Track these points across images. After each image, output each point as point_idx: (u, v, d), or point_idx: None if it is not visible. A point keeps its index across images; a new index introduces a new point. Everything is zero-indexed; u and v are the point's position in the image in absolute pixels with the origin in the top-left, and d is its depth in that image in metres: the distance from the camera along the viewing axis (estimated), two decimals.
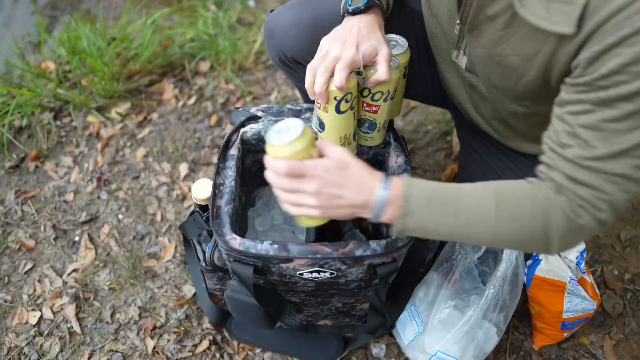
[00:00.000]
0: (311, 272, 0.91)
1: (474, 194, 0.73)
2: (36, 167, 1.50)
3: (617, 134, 0.64)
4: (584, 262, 1.06)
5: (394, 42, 0.92)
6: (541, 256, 1.08)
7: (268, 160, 0.72)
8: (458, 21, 0.82)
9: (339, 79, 0.79)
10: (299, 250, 0.88)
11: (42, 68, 1.71)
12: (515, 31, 0.71)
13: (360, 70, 0.83)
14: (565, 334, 1.17)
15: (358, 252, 0.88)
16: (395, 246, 0.88)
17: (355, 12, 0.87)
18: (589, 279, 1.08)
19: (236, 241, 0.88)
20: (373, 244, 0.88)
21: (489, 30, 0.75)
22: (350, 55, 0.81)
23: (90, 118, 1.59)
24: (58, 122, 1.59)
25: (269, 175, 0.74)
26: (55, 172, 1.49)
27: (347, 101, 0.84)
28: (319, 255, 0.87)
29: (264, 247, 0.88)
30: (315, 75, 0.82)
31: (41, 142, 1.53)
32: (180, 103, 1.65)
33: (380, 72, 0.83)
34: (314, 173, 0.71)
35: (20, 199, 1.44)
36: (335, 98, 0.83)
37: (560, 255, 1.06)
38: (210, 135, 1.58)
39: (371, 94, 0.89)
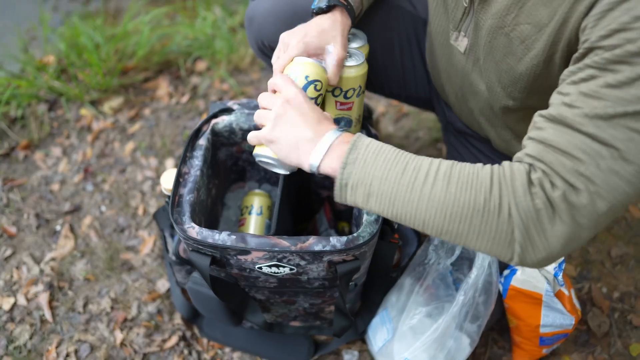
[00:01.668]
0: (270, 267, 0.89)
1: (427, 159, 0.67)
2: (26, 156, 1.52)
3: (617, 102, 0.57)
4: (561, 274, 1.01)
5: (351, 36, 0.91)
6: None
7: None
8: None
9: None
10: (256, 242, 0.86)
11: (44, 61, 1.74)
12: None
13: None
14: (544, 350, 1.12)
15: (317, 247, 0.85)
16: (355, 243, 0.85)
17: (318, 13, 0.87)
18: (567, 292, 1.03)
19: (194, 230, 0.87)
20: (333, 239, 0.86)
21: None
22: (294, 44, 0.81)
23: (83, 111, 1.61)
24: (52, 114, 1.61)
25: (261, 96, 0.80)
26: (43, 162, 1.51)
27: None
28: (276, 249, 0.85)
29: (221, 238, 0.86)
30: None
31: (33, 132, 1.55)
32: (174, 100, 1.66)
33: (329, 75, 0.83)
34: (292, 87, 0.75)
35: (7, 186, 1.45)
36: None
37: None
38: None
39: (343, 92, 0.88)
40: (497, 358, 1.18)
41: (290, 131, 0.73)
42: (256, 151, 0.81)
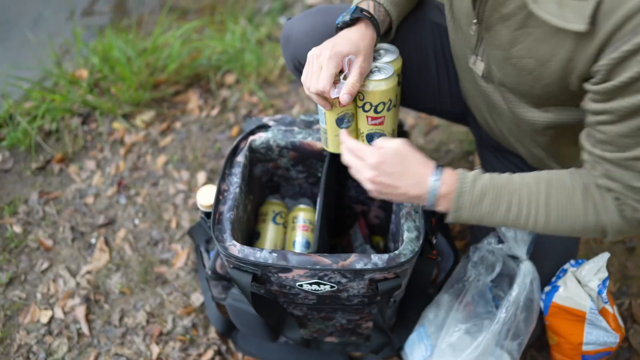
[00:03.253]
0: (310, 284, 0.89)
1: (527, 190, 0.76)
2: (60, 169, 1.54)
3: None
4: (605, 291, 0.99)
5: (383, 51, 0.90)
6: (559, 282, 1.02)
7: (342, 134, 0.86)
8: (475, 20, 0.79)
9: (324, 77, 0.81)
10: (298, 260, 0.85)
11: (76, 75, 1.77)
12: (530, 32, 0.69)
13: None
14: None
15: (358, 265, 0.85)
16: (397, 261, 0.85)
17: (343, 27, 0.87)
18: (612, 309, 1.01)
19: (235, 248, 0.87)
20: (375, 257, 0.85)
21: (503, 30, 0.73)
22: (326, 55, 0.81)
23: (115, 124, 1.63)
24: (85, 128, 1.64)
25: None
26: (78, 175, 1.53)
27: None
28: (318, 267, 0.85)
29: (263, 255, 0.86)
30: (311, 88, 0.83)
31: (67, 145, 1.58)
32: (204, 113, 1.67)
33: (350, 88, 0.81)
34: (371, 161, 0.78)
35: (42, 199, 1.48)
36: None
37: (580, 283, 1.00)
38: (230, 146, 1.59)
39: (373, 107, 0.87)
40: None
41: (391, 191, 0.79)
42: None
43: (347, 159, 0.84)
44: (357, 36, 0.84)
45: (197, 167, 1.54)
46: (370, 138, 0.93)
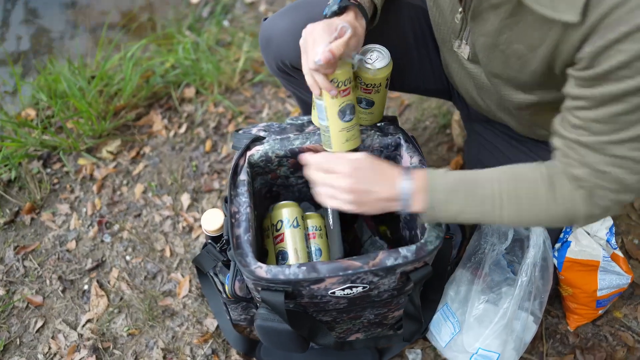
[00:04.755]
0: (343, 290, 0.88)
1: (495, 183, 0.77)
2: (32, 219, 1.44)
3: (628, 125, 0.64)
4: (614, 238, 1.04)
5: (371, 53, 0.92)
6: (570, 237, 1.06)
7: (306, 155, 0.84)
8: (460, 9, 0.80)
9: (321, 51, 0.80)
10: (328, 269, 0.84)
11: (23, 116, 1.65)
12: (520, 20, 0.70)
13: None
14: (600, 312, 1.15)
15: (389, 262, 0.85)
16: (425, 250, 0.85)
17: (331, 16, 0.86)
18: (621, 253, 1.06)
19: (262, 269, 0.85)
20: (403, 250, 0.85)
21: (492, 18, 0.74)
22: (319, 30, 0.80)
23: (81, 161, 1.54)
24: (48, 170, 1.53)
25: (307, 170, 0.83)
26: (53, 222, 1.44)
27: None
28: (349, 271, 0.84)
29: (292, 271, 0.84)
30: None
31: (34, 192, 1.48)
32: (172, 133, 1.61)
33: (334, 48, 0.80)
34: (345, 170, 0.79)
35: (20, 254, 1.38)
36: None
37: (589, 234, 1.04)
38: (207, 162, 1.54)
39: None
40: (553, 326, 1.21)
41: (368, 198, 0.79)
42: None
43: (316, 176, 0.82)
44: (349, 18, 0.84)
45: (179, 190, 1.48)
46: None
